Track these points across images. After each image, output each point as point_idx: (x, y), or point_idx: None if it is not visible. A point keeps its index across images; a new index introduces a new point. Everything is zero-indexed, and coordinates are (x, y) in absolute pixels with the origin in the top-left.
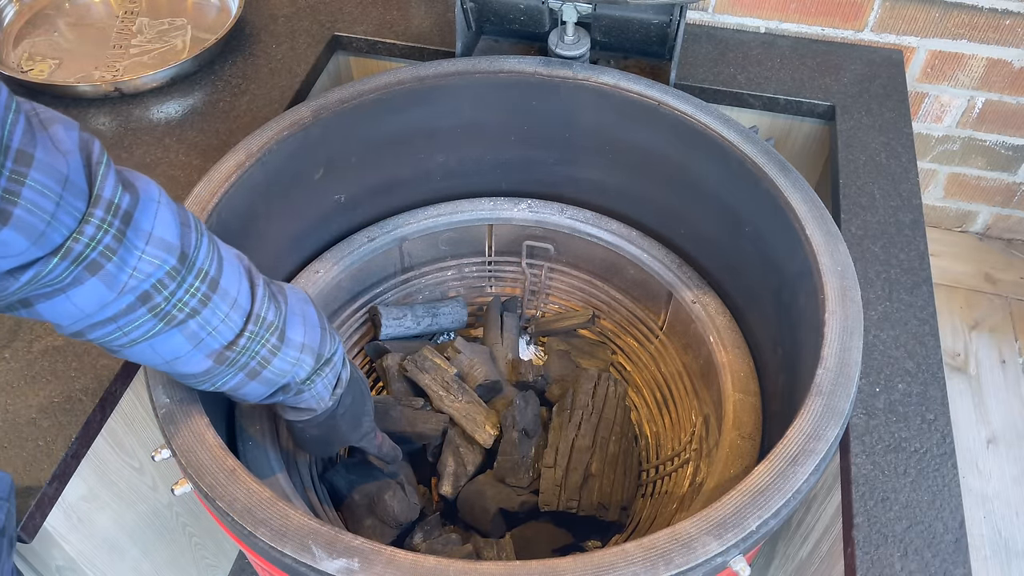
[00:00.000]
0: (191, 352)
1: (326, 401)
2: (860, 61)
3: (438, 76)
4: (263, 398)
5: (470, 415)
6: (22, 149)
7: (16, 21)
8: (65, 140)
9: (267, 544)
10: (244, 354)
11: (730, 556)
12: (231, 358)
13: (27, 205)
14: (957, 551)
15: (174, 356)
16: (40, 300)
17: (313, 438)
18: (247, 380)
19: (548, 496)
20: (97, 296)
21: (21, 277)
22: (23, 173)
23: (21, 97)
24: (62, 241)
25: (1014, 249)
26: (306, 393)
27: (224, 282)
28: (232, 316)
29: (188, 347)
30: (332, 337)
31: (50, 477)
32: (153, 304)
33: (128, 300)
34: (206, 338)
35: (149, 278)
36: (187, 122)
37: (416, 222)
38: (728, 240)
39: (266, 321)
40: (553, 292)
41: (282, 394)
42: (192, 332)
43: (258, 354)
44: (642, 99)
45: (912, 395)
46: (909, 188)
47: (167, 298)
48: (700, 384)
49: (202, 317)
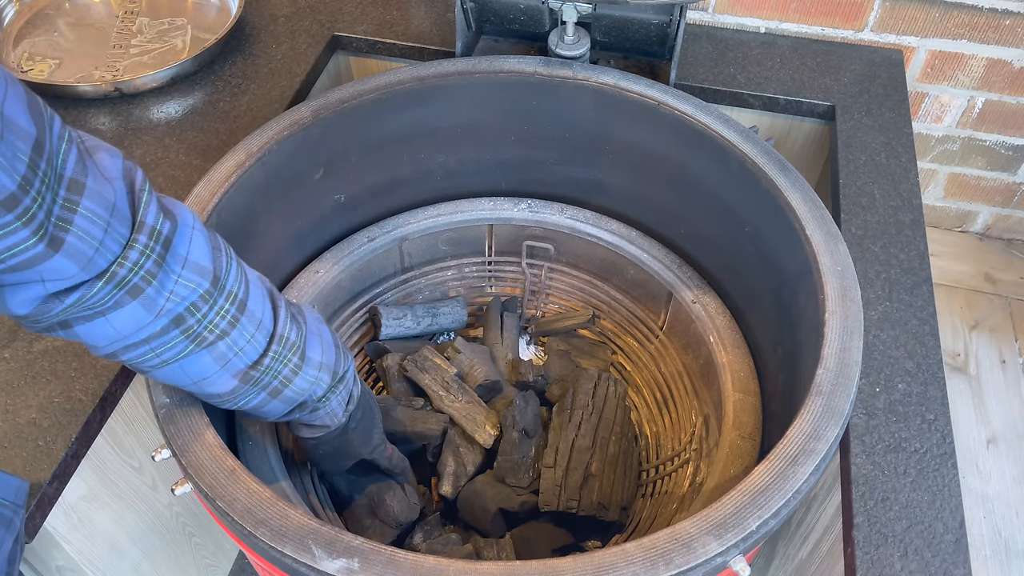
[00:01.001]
0: (218, 372)
1: (339, 418)
2: (860, 61)
3: (438, 76)
4: (281, 415)
5: (470, 415)
6: (74, 178)
7: (16, 21)
8: (110, 167)
9: (267, 544)
10: (268, 374)
11: (730, 556)
12: (256, 377)
13: (79, 232)
14: (957, 551)
15: (202, 376)
16: (80, 322)
17: (327, 454)
18: (269, 399)
19: (548, 496)
20: (135, 319)
21: (66, 300)
22: (75, 201)
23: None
24: (107, 266)
25: (1014, 249)
26: (321, 410)
27: (251, 304)
28: (257, 337)
29: (216, 367)
30: (345, 355)
31: (50, 477)
32: (186, 327)
33: (163, 323)
34: (233, 359)
35: (184, 301)
36: (187, 122)
37: (416, 222)
38: (728, 240)
39: (289, 341)
40: (553, 292)
41: (299, 412)
42: (220, 353)
43: (280, 373)
44: (642, 99)
45: (912, 395)
46: (909, 188)
47: (199, 320)
48: (700, 384)
49: (231, 338)
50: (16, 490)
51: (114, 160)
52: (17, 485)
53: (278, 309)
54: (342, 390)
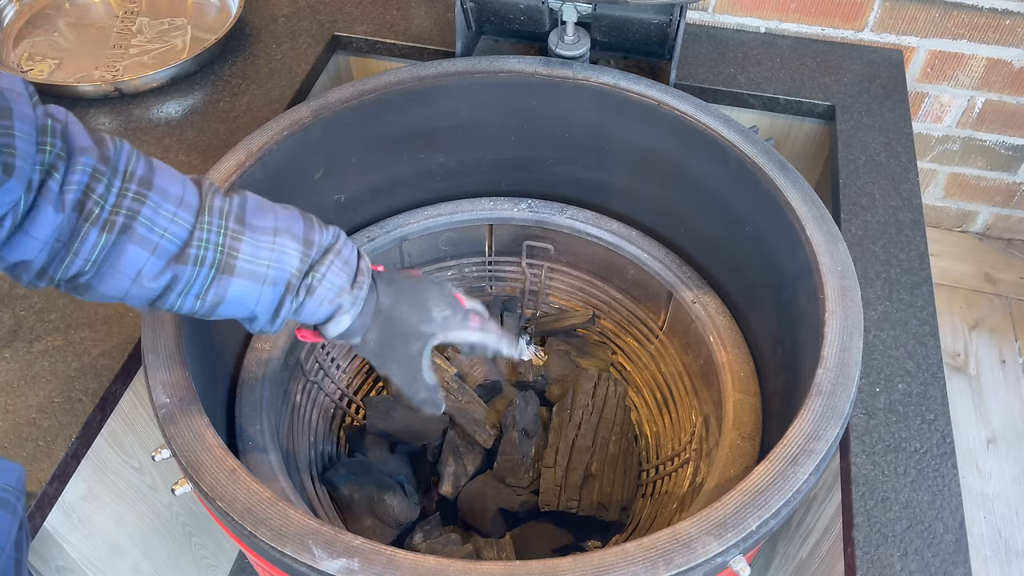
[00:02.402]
0: (151, 260)
1: (352, 294)
2: (860, 61)
3: (438, 76)
4: (273, 305)
5: (470, 415)
6: None
7: (16, 21)
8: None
9: (267, 544)
10: (206, 247)
11: (730, 556)
12: (194, 254)
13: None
14: (957, 551)
15: (137, 270)
16: (5, 247)
17: (386, 343)
18: (228, 278)
19: (548, 496)
20: (47, 220)
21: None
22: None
23: None
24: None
25: (1014, 249)
26: (320, 288)
27: (159, 182)
28: (181, 214)
29: (146, 255)
30: (323, 226)
31: (50, 477)
32: (88, 212)
33: (71, 218)
34: (160, 241)
35: (79, 186)
36: (187, 122)
37: (416, 222)
38: (728, 240)
39: (217, 208)
40: (553, 292)
41: (292, 298)
42: (142, 237)
43: (221, 244)
44: (642, 99)
45: (912, 395)
46: (909, 188)
47: (99, 202)
48: (700, 384)
49: (145, 217)
50: (17, 475)
51: (14, 80)
52: (17, 471)
53: (204, 185)
54: (335, 261)
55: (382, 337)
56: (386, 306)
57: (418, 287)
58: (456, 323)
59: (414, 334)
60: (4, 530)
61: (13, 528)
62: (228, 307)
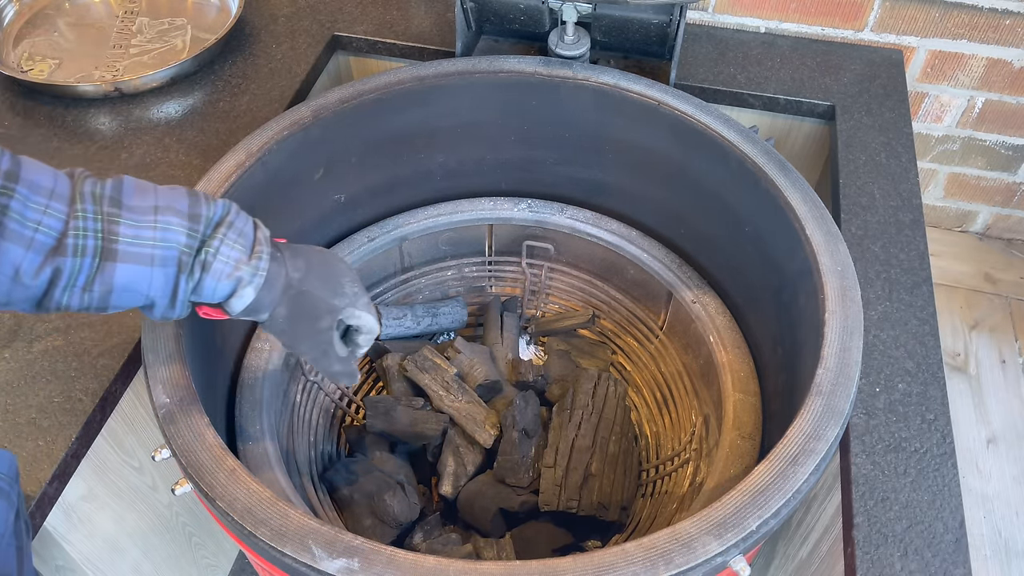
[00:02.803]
0: (28, 256)
1: (249, 264)
2: (860, 61)
3: (438, 76)
4: (169, 290)
5: (470, 415)
6: None
7: (16, 21)
8: None
9: (267, 544)
10: (84, 235)
11: (730, 556)
12: (72, 244)
13: None
14: (957, 551)
15: (14, 268)
16: None
17: (296, 319)
18: (113, 264)
19: (548, 496)
20: None
21: None
22: None
23: None
24: None
25: (1014, 249)
26: (216, 263)
27: (27, 174)
28: (53, 205)
29: (21, 251)
30: (210, 200)
31: (50, 477)
32: None
33: None
34: (35, 236)
35: None
36: (187, 122)
37: (416, 222)
38: (728, 240)
39: (89, 193)
40: (553, 292)
41: (187, 277)
42: (14, 232)
43: (100, 230)
44: (642, 99)
45: (912, 395)
46: (909, 188)
47: None
48: (700, 384)
49: (14, 212)
50: (8, 463)
51: None
52: (8, 458)
53: (76, 173)
54: (227, 234)
55: (292, 313)
56: (296, 280)
57: (329, 261)
58: (364, 302)
59: (326, 308)
60: (1, 516)
61: (10, 516)
62: (120, 296)
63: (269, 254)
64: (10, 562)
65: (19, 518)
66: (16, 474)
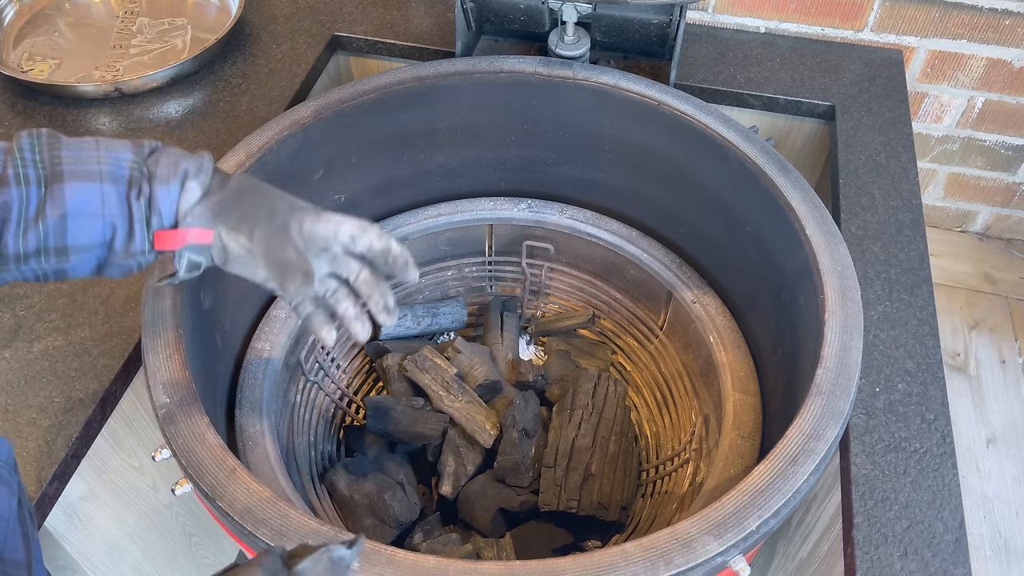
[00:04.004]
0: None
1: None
2: (860, 61)
3: (438, 76)
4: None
5: (470, 415)
6: None
7: (16, 21)
8: None
9: (267, 544)
10: (24, 166)
11: (730, 556)
12: (13, 175)
13: None
14: (957, 551)
15: None
16: None
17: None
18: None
19: (548, 496)
20: None
21: None
22: None
23: None
24: None
25: (1014, 249)
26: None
27: None
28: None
29: None
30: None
31: (50, 477)
32: None
33: None
34: None
35: None
36: (187, 122)
37: (416, 222)
38: (728, 240)
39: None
40: (553, 292)
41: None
42: None
43: (40, 160)
44: (642, 99)
45: (912, 395)
46: (909, 188)
47: None
48: (700, 384)
49: None
50: (7, 451)
51: None
52: (6, 446)
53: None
54: (167, 149)
55: (246, 209)
56: (243, 182)
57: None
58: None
59: (279, 198)
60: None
61: (12, 503)
62: (76, 222)
63: (211, 160)
64: (18, 548)
65: (22, 507)
66: (14, 463)
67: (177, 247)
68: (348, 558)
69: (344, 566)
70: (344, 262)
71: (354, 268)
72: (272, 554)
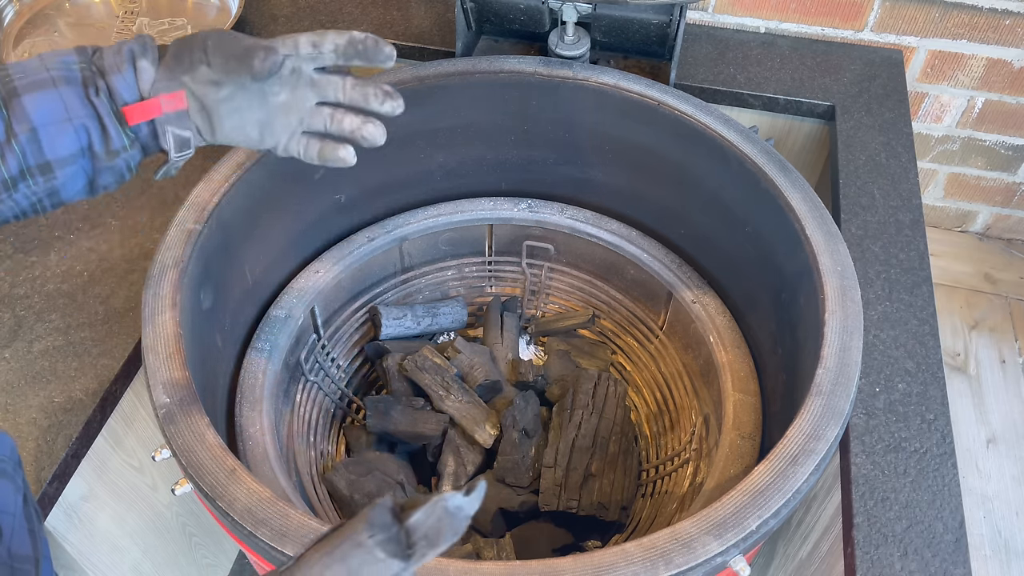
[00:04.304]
0: None
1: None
2: (860, 61)
3: (438, 76)
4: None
5: (470, 415)
6: None
7: (16, 21)
8: None
9: (267, 544)
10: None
11: (730, 556)
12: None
13: None
14: (957, 551)
15: None
16: None
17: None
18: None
19: (548, 496)
20: None
21: None
22: None
23: None
24: None
25: (1014, 249)
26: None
27: None
28: None
29: None
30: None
31: (50, 477)
32: None
33: None
34: None
35: None
36: None
37: (416, 222)
38: (728, 240)
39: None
40: (553, 292)
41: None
42: None
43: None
44: (642, 99)
45: (912, 395)
46: (909, 188)
47: None
48: (700, 384)
49: None
50: (10, 447)
51: None
52: (9, 443)
53: None
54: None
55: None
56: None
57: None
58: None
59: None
60: (10, 499)
61: (18, 498)
62: (47, 132)
63: (153, 39)
64: (25, 543)
65: (28, 503)
66: (18, 459)
67: (152, 116)
68: (467, 507)
69: (463, 516)
70: (324, 81)
71: (336, 81)
72: (381, 507)
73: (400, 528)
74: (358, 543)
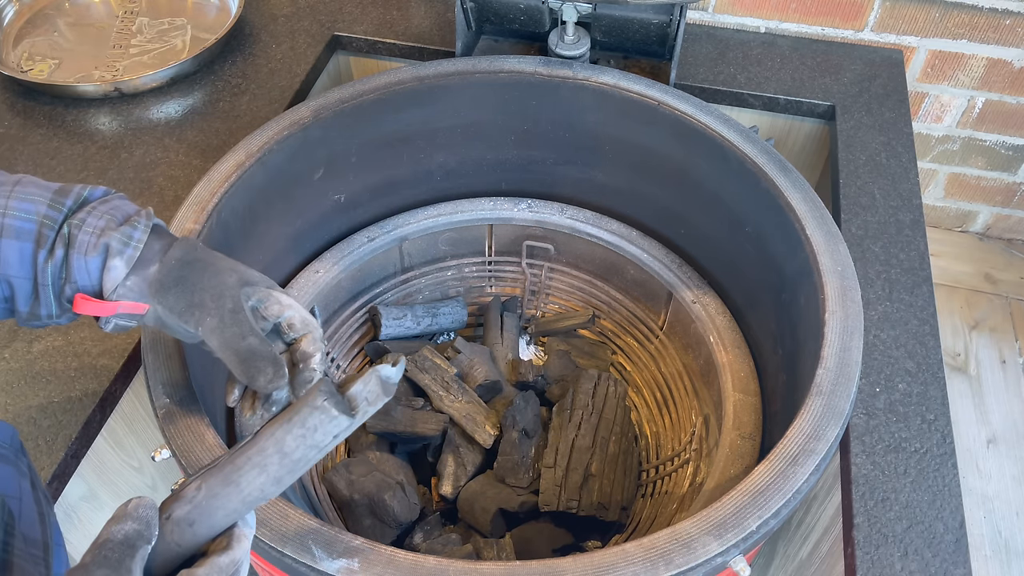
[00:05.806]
0: None
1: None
2: (860, 61)
3: (438, 76)
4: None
5: (470, 415)
6: None
7: (16, 21)
8: None
9: (267, 544)
10: None
11: (730, 556)
12: None
13: None
14: (957, 551)
15: None
16: None
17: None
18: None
19: (548, 496)
20: None
21: None
22: None
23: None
24: None
25: (1014, 249)
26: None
27: None
28: None
29: None
30: (95, 186)
31: (50, 477)
32: None
33: None
34: None
35: None
36: (187, 122)
37: (416, 222)
38: (728, 240)
39: None
40: (553, 292)
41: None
42: None
43: None
44: (642, 99)
45: (912, 395)
46: (909, 188)
47: None
48: (700, 384)
49: None
50: (10, 435)
51: None
52: (9, 431)
53: None
54: (98, 207)
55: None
56: (184, 253)
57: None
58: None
59: (226, 271)
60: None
61: (24, 484)
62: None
63: (147, 228)
64: (34, 527)
65: (36, 488)
66: (20, 444)
67: (104, 315)
68: (394, 375)
69: (392, 384)
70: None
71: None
72: (327, 382)
73: (344, 396)
74: (315, 407)
